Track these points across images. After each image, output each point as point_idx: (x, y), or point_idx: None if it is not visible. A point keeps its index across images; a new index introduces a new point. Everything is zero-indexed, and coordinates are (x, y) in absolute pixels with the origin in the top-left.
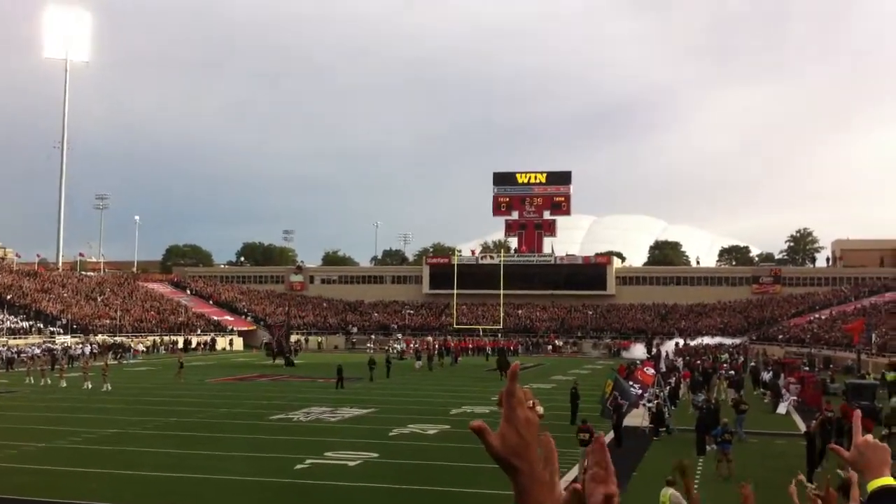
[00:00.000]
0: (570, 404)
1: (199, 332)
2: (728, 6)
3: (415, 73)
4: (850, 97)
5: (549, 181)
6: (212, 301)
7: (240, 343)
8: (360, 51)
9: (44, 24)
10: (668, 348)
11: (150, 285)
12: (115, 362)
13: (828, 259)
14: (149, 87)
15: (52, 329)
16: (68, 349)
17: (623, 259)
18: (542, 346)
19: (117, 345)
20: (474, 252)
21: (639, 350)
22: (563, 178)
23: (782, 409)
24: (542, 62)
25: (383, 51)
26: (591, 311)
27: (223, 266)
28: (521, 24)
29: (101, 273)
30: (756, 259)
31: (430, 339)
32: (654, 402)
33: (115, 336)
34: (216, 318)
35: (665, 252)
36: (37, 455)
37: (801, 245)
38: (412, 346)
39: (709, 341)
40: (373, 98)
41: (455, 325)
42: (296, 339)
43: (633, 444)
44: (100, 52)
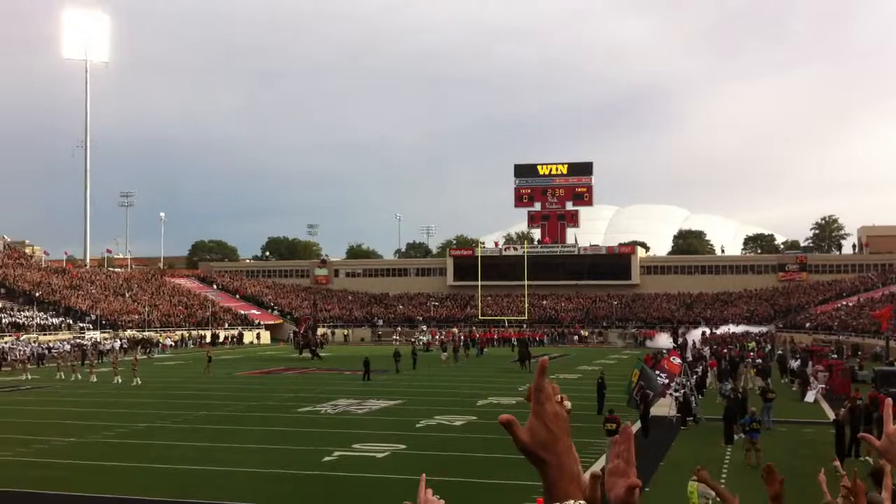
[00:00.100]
0: (597, 394)
1: (227, 326)
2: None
3: (434, 68)
4: (875, 82)
5: (571, 172)
6: (238, 295)
7: (267, 337)
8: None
9: (63, 26)
10: (694, 337)
11: (177, 280)
12: (144, 357)
13: (854, 246)
14: (168, 87)
15: (81, 325)
16: (98, 344)
17: (647, 249)
18: (568, 337)
19: (145, 339)
20: (497, 244)
21: (664, 339)
22: (585, 168)
23: (810, 397)
24: (563, 54)
25: (403, 46)
26: (615, 301)
27: (248, 261)
28: (541, 17)
29: (129, 269)
30: (781, 247)
31: (455, 330)
32: (680, 391)
33: (144, 331)
34: (243, 312)
35: (689, 241)
36: (67, 449)
37: (827, 232)
38: (437, 337)
39: (735, 330)
40: (394, 93)
41: (480, 317)
42: (322, 332)
43: (660, 433)
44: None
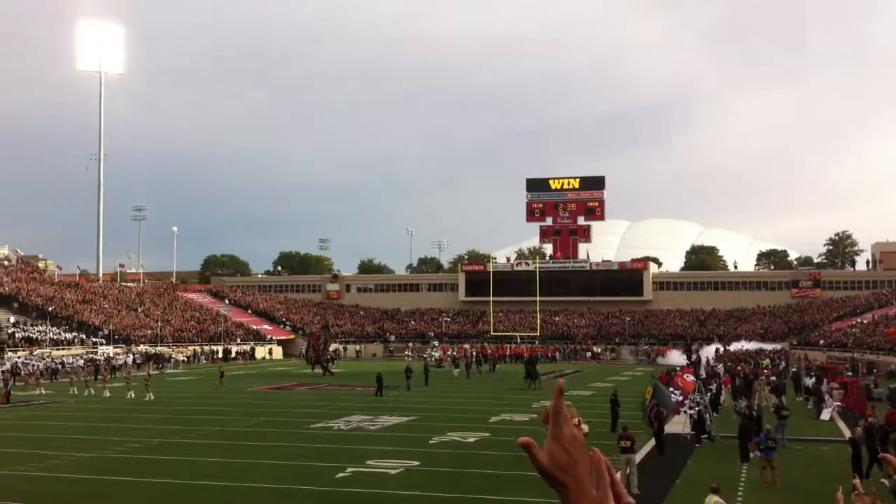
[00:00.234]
0: (611, 411)
1: (239, 341)
2: (760, 5)
3: (446, 81)
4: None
5: (583, 186)
6: (250, 310)
7: (279, 352)
8: (394, 60)
9: (77, 37)
10: (707, 354)
11: (190, 295)
12: (156, 372)
13: (868, 262)
14: (181, 99)
15: (94, 340)
16: (111, 359)
17: (659, 264)
18: (580, 353)
19: (158, 355)
20: (509, 259)
21: (675, 356)
22: (597, 183)
23: (826, 415)
24: (571, 67)
25: (415, 59)
26: (628, 317)
27: (260, 275)
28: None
29: (141, 284)
30: (795, 263)
31: (467, 346)
32: (695, 408)
33: (156, 346)
34: (255, 327)
35: (702, 257)
36: (81, 464)
37: (841, 248)
38: (449, 353)
39: (748, 346)
40: (407, 107)
41: (492, 333)
42: (334, 347)
43: (675, 451)
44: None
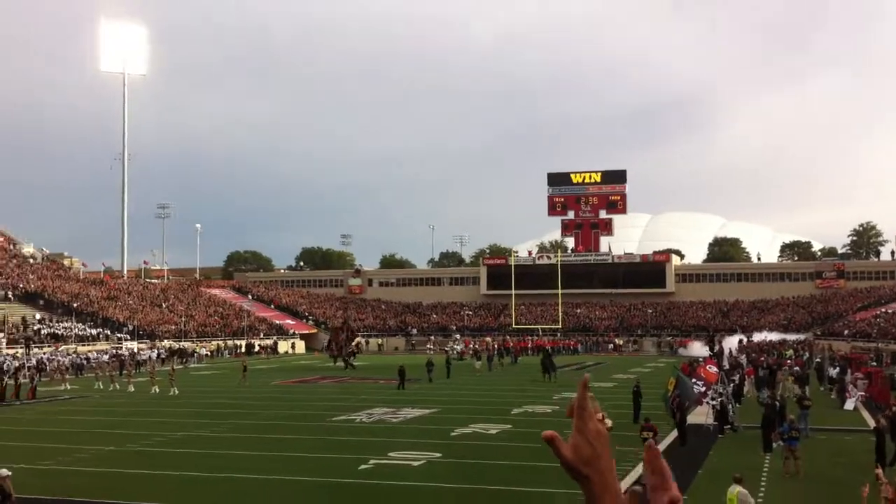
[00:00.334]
0: (633, 403)
1: (262, 335)
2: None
3: (468, 77)
4: None
5: (605, 180)
6: (273, 305)
7: (302, 346)
8: (409, 54)
9: (100, 38)
10: (730, 345)
11: (213, 291)
12: (180, 367)
13: (892, 252)
14: (203, 98)
15: (119, 335)
16: (135, 354)
17: (682, 256)
18: (603, 345)
19: (182, 350)
20: (531, 252)
21: (697, 347)
22: (619, 176)
23: (850, 405)
24: (592, 61)
25: (437, 56)
26: (650, 310)
27: (283, 271)
28: (573, 24)
29: (165, 280)
30: (818, 254)
31: (488, 339)
32: (717, 399)
33: (180, 341)
34: (278, 321)
35: (725, 249)
36: (107, 458)
37: (865, 239)
38: (471, 346)
39: (771, 337)
40: (427, 102)
41: (514, 325)
42: (356, 341)
43: (698, 441)
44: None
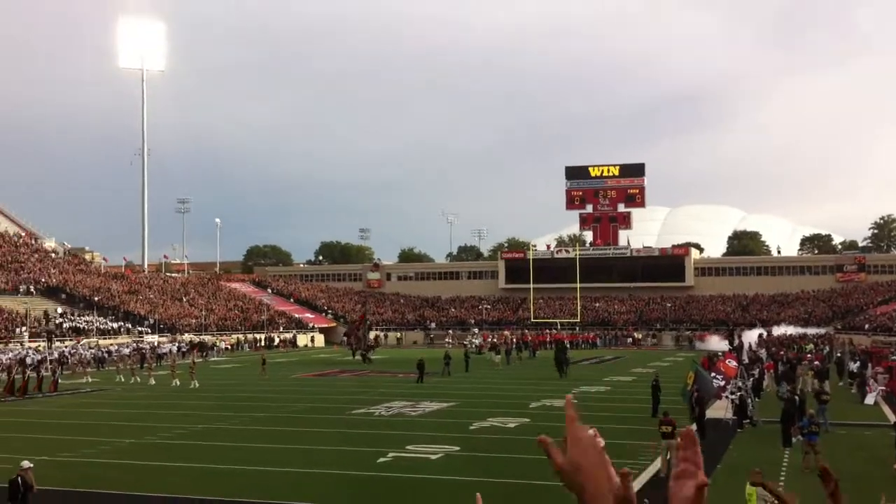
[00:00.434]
0: (652, 397)
1: (281, 329)
2: None
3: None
4: None
5: (623, 174)
6: (292, 299)
7: (321, 340)
8: (427, 50)
9: (119, 35)
10: (750, 339)
11: (233, 285)
12: (200, 360)
13: None
14: (223, 94)
15: (140, 329)
16: (156, 348)
17: (701, 250)
18: (621, 339)
19: (202, 343)
20: (549, 246)
21: (715, 341)
22: (637, 170)
23: (870, 399)
24: (611, 54)
25: (454, 49)
26: (669, 303)
27: (302, 265)
28: (588, 17)
29: (186, 274)
30: (839, 247)
31: (507, 333)
32: (737, 393)
33: (201, 335)
34: (297, 315)
35: (744, 242)
36: (129, 450)
37: (886, 232)
38: (489, 340)
39: (790, 331)
40: (445, 97)
41: (533, 319)
42: (374, 335)
43: (717, 436)
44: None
